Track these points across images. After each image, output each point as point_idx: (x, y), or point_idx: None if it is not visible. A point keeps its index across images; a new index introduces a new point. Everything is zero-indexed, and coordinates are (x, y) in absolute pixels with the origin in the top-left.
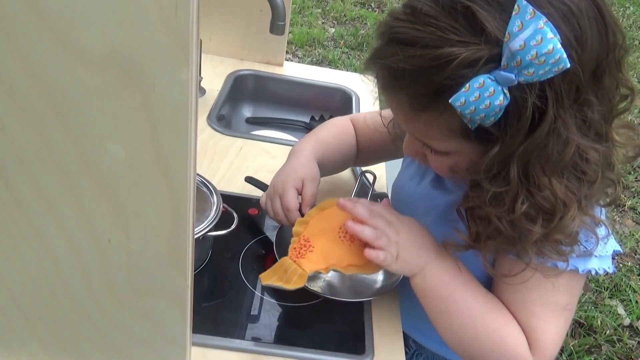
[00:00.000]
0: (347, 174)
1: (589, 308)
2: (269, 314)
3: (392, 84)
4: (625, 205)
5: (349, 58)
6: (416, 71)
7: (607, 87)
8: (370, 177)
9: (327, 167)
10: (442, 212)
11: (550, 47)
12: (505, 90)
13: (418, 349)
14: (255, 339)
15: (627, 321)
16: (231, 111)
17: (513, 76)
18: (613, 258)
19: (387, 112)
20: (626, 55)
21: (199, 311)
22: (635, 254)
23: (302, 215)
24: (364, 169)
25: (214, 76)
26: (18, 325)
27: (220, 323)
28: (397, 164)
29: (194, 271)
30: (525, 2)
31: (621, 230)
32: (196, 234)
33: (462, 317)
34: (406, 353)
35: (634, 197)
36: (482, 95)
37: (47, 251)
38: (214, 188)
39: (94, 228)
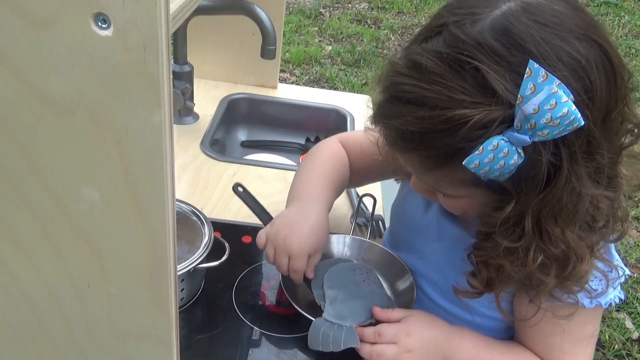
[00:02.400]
0: (342, 196)
1: None
2: (264, 346)
3: (400, 144)
4: (629, 216)
5: (346, 75)
6: (426, 134)
7: (615, 126)
8: (369, 201)
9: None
10: (454, 241)
11: (565, 110)
12: (520, 150)
13: None
14: None
15: (635, 335)
16: (225, 135)
17: (527, 138)
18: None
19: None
20: (631, 93)
21: (191, 345)
22: None
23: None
24: (361, 192)
25: (207, 101)
26: None
27: (214, 357)
28: (393, 185)
29: (186, 304)
30: (537, 65)
31: (625, 241)
32: (187, 266)
33: None
34: None
35: (637, 206)
36: (497, 156)
37: (25, 297)
38: (205, 217)
39: (71, 273)
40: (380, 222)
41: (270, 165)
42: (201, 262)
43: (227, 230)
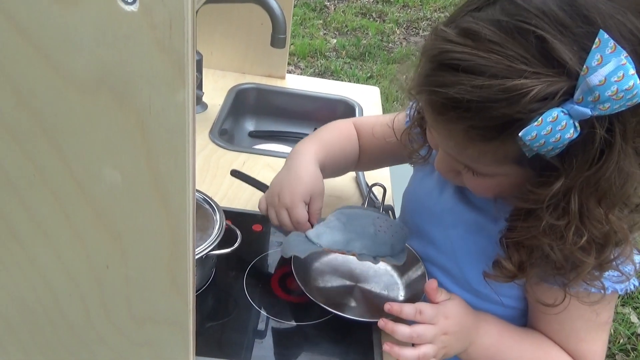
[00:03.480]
0: (350, 185)
1: None
2: (275, 334)
3: (450, 113)
4: None
5: (351, 68)
6: (483, 102)
7: None
8: (378, 191)
9: (327, 171)
10: (470, 227)
11: (631, 83)
12: (577, 124)
13: None
14: (260, 359)
15: None
16: (234, 125)
17: (589, 111)
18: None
19: (399, 124)
20: None
21: (203, 332)
22: None
23: (312, 226)
24: (370, 181)
25: (216, 90)
26: (15, 357)
27: (225, 344)
28: (402, 175)
29: (197, 291)
30: (607, 36)
31: None
32: (198, 253)
33: None
34: None
35: None
36: (554, 129)
37: (44, 280)
38: (217, 205)
39: (90, 255)
40: (390, 211)
41: (279, 154)
42: (213, 249)
43: (237, 218)
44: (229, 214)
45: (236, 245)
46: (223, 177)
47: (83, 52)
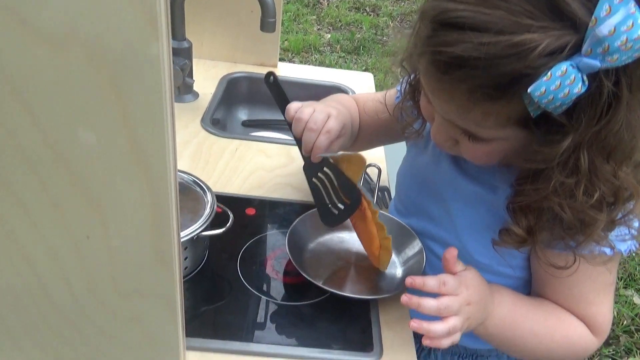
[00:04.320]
0: None
1: None
2: (271, 315)
3: (456, 73)
4: None
5: (346, 62)
6: (490, 60)
7: None
8: (373, 172)
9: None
10: (470, 198)
11: None
12: (585, 78)
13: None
14: (258, 340)
15: None
16: (226, 115)
17: (597, 63)
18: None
19: (390, 100)
20: None
21: (197, 315)
22: None
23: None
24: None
25: (207, 80)
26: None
27: (220, 326)
28: (397, 155)
29: (190, 274)
30: None
31: None
32: (190, 234)
33: (531, 344)
34: (424, 348)
35: None
36: (563, 83)
37: (23, 255)
38: (207, 187)
39: (69, 224)
40: (385, 192)
41: (273, 140)
42: (205, 230)
43: (230, 202)
44: (222, 199)
45: (228, 225)
46: (215, 163)
47: (50, 6)
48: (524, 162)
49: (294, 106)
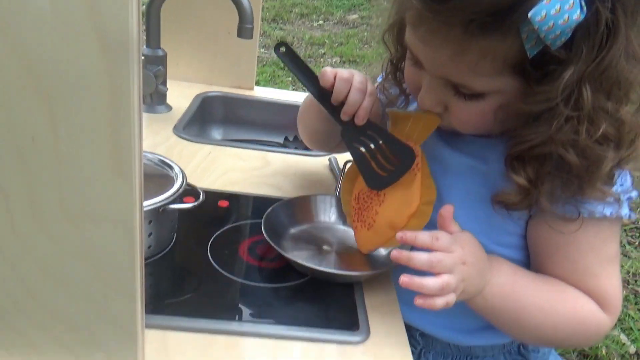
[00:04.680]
0: (324, 172)
1: None
2: (245, 296)
3: (452, 4)
4: None
5: None
6: None
7: None
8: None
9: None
10: (459, 170)
11: None
12: (583, 3)
13: (425, 345)
14: (230, 319)
15: (632, 349)
16: (200, 134)
17: None
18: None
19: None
20: None
21: (160, 295)
22: (629, 284)
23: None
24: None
25: (181, 98)
26: None
27: (187, 305)
28: None
29: (155, 255)
30: None
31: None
32: (156, 204)
33: (536, 319)
34: (413, 351)
35: None
36: (562, 7)
37: None
38: (175, 164)
39: (12, 119)
40: None
41: (247, 146)
42: (174, 202)
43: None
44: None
45: (199, 201)
46: (187, 163)
47: None
48: (524, 106)
49: (329, 69)
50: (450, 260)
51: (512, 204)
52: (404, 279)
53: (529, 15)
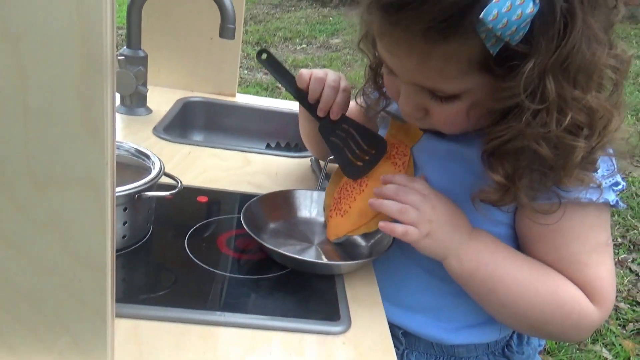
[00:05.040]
0: (306, 172)
1: (574, 353)
2: (222, 286)
3: (407, 14)
4: None
5: None
6: None
7: None
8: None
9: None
10: (444, 156)
11: None
12: None
13: (409, 345)
14: (206, 308)
15: None
16: (180, 140)
17: None
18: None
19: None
20: None
21: (134, 285)
22: None
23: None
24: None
25: (162, 103)
26: None
27: (161, 295)
28: None
29: (130, 246)
30: None
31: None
32: (130, 189)
33: (512, 293)
34: (396, 351)
35: None
36: (513, 4)
37: None
38: (152, 154)
39: None
40: None
41: (228, 147)
42: (149, 190)
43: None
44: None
45: (178, 189)
46: (167, 162)
47: None
48: (492, 103)
49: (305, 70)
50: (414, 214)
51: (493, 202)
52: (381, 223)
53: (481, 16)
